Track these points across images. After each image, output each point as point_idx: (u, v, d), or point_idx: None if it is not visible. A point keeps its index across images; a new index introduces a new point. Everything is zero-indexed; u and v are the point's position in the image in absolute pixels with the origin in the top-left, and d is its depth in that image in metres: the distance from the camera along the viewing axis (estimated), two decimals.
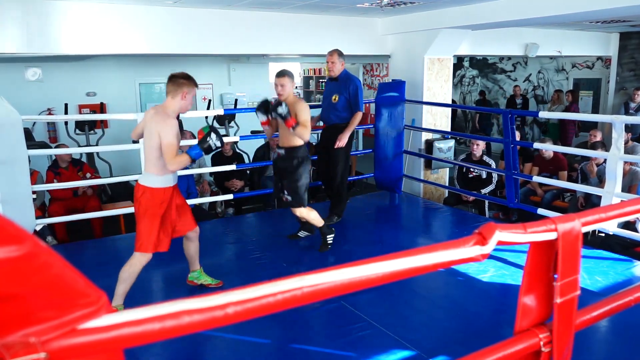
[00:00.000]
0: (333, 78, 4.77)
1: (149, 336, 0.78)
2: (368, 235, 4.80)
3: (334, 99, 4.71)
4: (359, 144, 11.39)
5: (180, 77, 3.00)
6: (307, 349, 2.80)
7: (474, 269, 3.70)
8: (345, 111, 4.72)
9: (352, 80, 4.71)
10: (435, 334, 2.94)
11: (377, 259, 0.97)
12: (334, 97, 4.72)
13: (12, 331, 0.68)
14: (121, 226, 5.35)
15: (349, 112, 4.72)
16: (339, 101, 4.69)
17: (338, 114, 4.73)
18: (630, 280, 3.64)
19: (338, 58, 4.69)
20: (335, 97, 4.71)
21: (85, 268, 0.85)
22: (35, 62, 8.12)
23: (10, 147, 3.94)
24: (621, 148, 4.01)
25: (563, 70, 10.57)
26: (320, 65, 13.73)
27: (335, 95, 4.71)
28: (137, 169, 4.91)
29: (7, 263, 0.64)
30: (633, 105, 8.09)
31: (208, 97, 9.78)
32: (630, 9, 4.56)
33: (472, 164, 5.75)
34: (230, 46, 5.81)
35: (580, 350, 1.64)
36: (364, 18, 6.51)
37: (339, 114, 4.73)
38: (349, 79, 4.72)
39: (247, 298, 0.83)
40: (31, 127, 7.90)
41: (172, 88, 2.98)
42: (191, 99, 3.05)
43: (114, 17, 5.09)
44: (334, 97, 4.71)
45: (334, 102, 4.71)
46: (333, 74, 4.75)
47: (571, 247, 1.16)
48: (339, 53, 4.71)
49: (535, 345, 1.21)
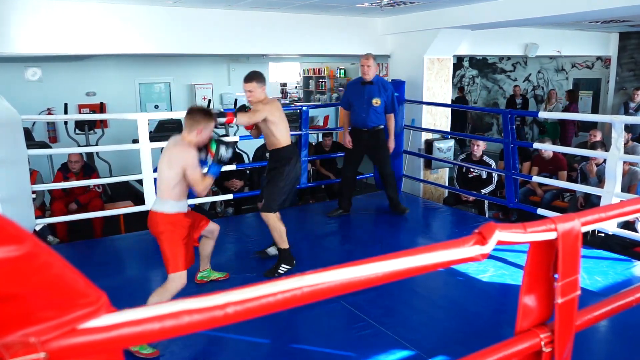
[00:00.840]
0: (366, 82, 4.80)
1: (149, 336, 0.77)
2: (368, 235, 4.80)
3: (375, 103, 4.77)
4: None
5: (197, 113, 2.92)
6: (307, 349, 2.80)
7: (474, 269, 3.70)
8: (382, 114, 4.87)
9: (389, 85, 4.92)
10: (435, 334, 2.94)
11: (377, 259, 0.97)
12: (375, 101, 4.77)
13: (12, 331, 0.68)
14: (121, 226, 5.35)
15: (384, 115, 4.89)
16: (380, 104, 4.80)
17: (380, 116, 4.84)
18: (630, 280, 3.64)
19: (374, 62, 4.76)
20: (377, 101, 4.77)
21: (85, 268, 0.85)
22: (35, 62, 8.12)
23: (10, 147, 3.93)
24: (621, 148, 4.02)
25: (563, 70, 10.57)
26: (320, 65, 13.73)
27: (377, 99, 4.77)
28: (136, 169, 4.91)
29: (7, 263, 0.64)
30: (633, 105, 8.10)
31: (208, 96, 9.79)
32: (630, 9, 4.56)
33: (472, 164, 5.75)
34: (230, 46, 5.81)
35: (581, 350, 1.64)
36: (363, 18, 6.51)
37: (380, 116, 4.84)
38: (386, 83, 4.92)
39: (247, 298, 0.83)
40: (31, 127, 7.90)
41: (188, 123, 2.90)
42: (209, 133, 2.97)
43: (114, 17, 5.09)
44: (375, 101, 4.77)
45: (375, 106, 4.78)
46: (367, 78, 4.78)
47: (571, 247, 1.16)
48: (374, 57, 4.79)
49: (536, 345, 1.21)
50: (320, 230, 5.00)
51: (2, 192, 3.65)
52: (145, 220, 3.92)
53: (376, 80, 4.82)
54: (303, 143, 5.59)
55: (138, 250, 4.37)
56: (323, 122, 11.85)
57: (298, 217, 5.53)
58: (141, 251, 4.30)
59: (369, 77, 4.78)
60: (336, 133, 10.11)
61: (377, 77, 4.86)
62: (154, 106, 9.44)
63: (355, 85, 4.92)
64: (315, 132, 7.91)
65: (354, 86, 4.94)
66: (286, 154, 3.69)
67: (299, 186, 5.70)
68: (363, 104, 4.81)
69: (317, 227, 5.09)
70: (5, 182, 3.74)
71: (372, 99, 4.77)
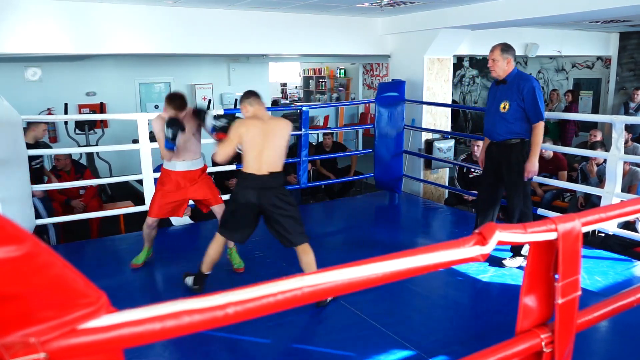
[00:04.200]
0: (500, 81, 3.70)
1: (149, 336, 0.77)
2: (368, 235, 4.80)
3: (502, 108, 3.64)
4: (359, 144, 11.40)
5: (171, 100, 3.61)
6: (307, 348, 2.81)
7: (474, 269, 3.70)
8: (518, 122, 3.62)
9: (527, 81, 3.59)
10: (435, 334, 2.93)
11: (377, 259, 0.97)
12: (502, 105, 3.64)
13: (12, 331, 0.68)
14: (121, 226, 5.34)
15: (523, 124, 3.63)
16: (509, 109, 3.62)
17: (509, 126, 3.64)
18: (630, 280, 3.64)
19: (501, 54, 3.61)
20: (504, 105, 3.64)
21: (85, 268, 0.85)
22: (35, 62, 8.12)
23: (10, 147, 3.94)
24: (621, 148, 4.02)
25: (563, 70, 10.57)
26: (320, 65, 13.72)
27: (505, 103, 3.63)
28: (136, 169, 4.91)
29: (7, 263, 0.64)
30: (633, 105, 8.10)
31: (208, 96, 9.79)
32: (630, 9, 4.56)
33: (472, 164, 5.75)
34: (230, 46, 5.81)
35: (581, 350, 1.64)
36: (363, 18, 6.51)
37: (510, 126, 3.64)
38: (522, 79, 3.61)
39: (247, 298, 0.83)
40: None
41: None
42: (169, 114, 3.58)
43: (114, 17, 5.09)
44: (503, 105, 3.64)
45: (502, 112, 3.64)
46: (496, 75, 3.69)
47: (571, 247, 1.16)
48: (503, 47, 3.63)
49: (537, 345, 1.21)
50: (320, 230, 5.00)
51: (2, 192, 3.66)
52: (144, 220, 3.93)
53: (510, 78, 3.64)
54: (303, 143, 5.59)
55: (138, 250, 4.36)
56: (323, 122, 11.86)
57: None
58: (141, 251, 4.29)
59: (498, 74, 3.66)
60: (336, 133, 10.12)
61: (513, 73, 3.65)
62: (154, 106, 9.44)
63: (491, 88, 3.89)
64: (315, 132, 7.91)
65: (490, 89, 3.90)
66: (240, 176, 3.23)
67: (299, 186, 5.71)
68: (490, 110, 3.79)
69: (317, 227, 5.09)
70: (5, 182, 3.74)
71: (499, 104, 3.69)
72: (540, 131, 3.60)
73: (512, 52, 3.63)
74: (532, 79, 3.65)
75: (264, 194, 3.07)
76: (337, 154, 6.55)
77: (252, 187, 3.08)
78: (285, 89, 14.37)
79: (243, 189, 3.12)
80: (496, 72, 3.66)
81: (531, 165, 3.61)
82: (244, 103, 3.20)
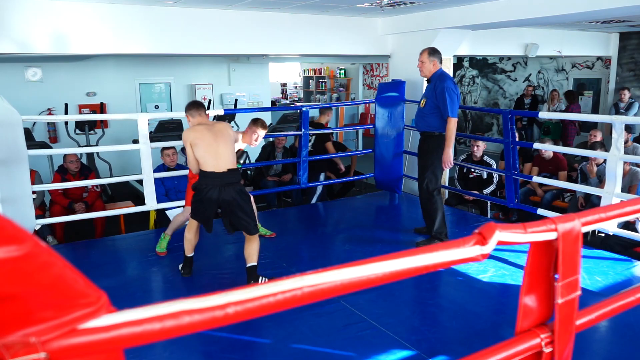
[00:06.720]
0: (428, 80, 4.27)
1: (149, 336, 0.77)
2: (368, 235, 4.80)
3: (422, 104, 4.26)
4: (359, 144, 11.40)
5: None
6: (307, 348, 2.80)
7: (474, 269, 3.70)
8: (432, 117, 4.15)
9: (443, 81, 4.09)
10: (435, 334, 2.94)
11: (377, 259, 0.97)
12: (422, 102, 4.26)
13: (12, 331, 0.68)
14: (121, 226, 5.35)
15: (438, 119, 4.14)
16: (426, 105, 4.20)
17: (426, 119, 4.21)
18: (630, 280, 3.64)
19: (428, 57, 4.15)
20: (423, 101, 4.24)
21: (86, 268, 0.85)
22: (35, 62, 8.12)
23: (10, 147, 3.93)
24: (621, 148, 4.02)
25: (563, 71, 10.57)
26: (320, 65, 13.73)
27: (424, 99, 4.24)
28: (137, 169, 4.91)
29: (7, 263, 0.64)
30: (622, 105, 8.14)
31: (208, 97, 9.79)
32: (630, 9, 4.56)
33: (472, 164, 5.75)
34: (231, 46, 5.81)
35: (581, 350, 1.64)
36: (364, 18, 6.51)
37: (426, 119, 4.20)
38: (440, 80, 4.11)
39: (247, 298, 0.83)
40: (31, 127, 7.90)
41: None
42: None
43: (114, 17, 5.09)
44: (423, 102, 4.25)
45: (421, 107, 4.26)
46: (423, 75, 4.28)
47: (571, 247, 1.16)
48: (430, 51, 4.17)
49: (536, 345, 1.20)
50: (320, 230, 5.00)
51: (2, 192, 3.66)
52: (145, 220, 3.94)
53: (434, 78, 4.17)
54: (303, 143, 5.59)
55: (138, 250, 4.37)
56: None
57: (298, 217, 5.54)
58: (141, 251, 4.30)
59: (424, 74, 4.25)
60: (336, 133, 10.11)
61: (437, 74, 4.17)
62: (154, 106, 9.44)
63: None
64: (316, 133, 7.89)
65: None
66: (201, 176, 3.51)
67: (299, 186, 5.71)
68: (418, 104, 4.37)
69: (317, 227, 5.09)
70: (5, 182, 3.74)
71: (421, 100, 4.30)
72: (452, 126, 4.05)
73: (438, 55, 4.18)
74: (449, 79, 4.11)
75: (224, 189, 3.40)
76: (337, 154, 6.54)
77: (213, 184, 3.39)
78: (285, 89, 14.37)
79: (205, 187, 3.42)
80: (423, 73, 4.20)
81: (446, 156, 4.10)
82: (189, 113, 3.60)
